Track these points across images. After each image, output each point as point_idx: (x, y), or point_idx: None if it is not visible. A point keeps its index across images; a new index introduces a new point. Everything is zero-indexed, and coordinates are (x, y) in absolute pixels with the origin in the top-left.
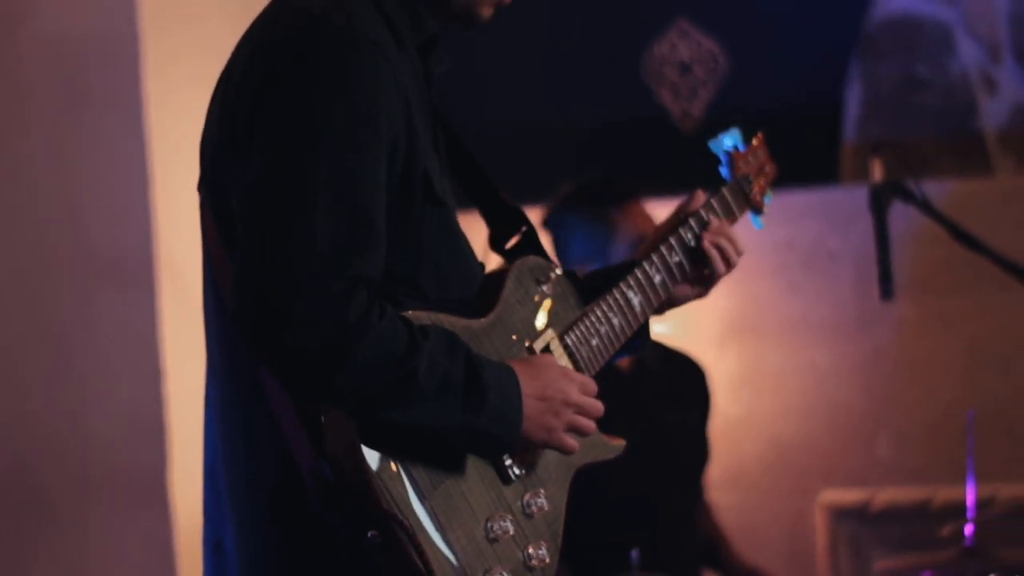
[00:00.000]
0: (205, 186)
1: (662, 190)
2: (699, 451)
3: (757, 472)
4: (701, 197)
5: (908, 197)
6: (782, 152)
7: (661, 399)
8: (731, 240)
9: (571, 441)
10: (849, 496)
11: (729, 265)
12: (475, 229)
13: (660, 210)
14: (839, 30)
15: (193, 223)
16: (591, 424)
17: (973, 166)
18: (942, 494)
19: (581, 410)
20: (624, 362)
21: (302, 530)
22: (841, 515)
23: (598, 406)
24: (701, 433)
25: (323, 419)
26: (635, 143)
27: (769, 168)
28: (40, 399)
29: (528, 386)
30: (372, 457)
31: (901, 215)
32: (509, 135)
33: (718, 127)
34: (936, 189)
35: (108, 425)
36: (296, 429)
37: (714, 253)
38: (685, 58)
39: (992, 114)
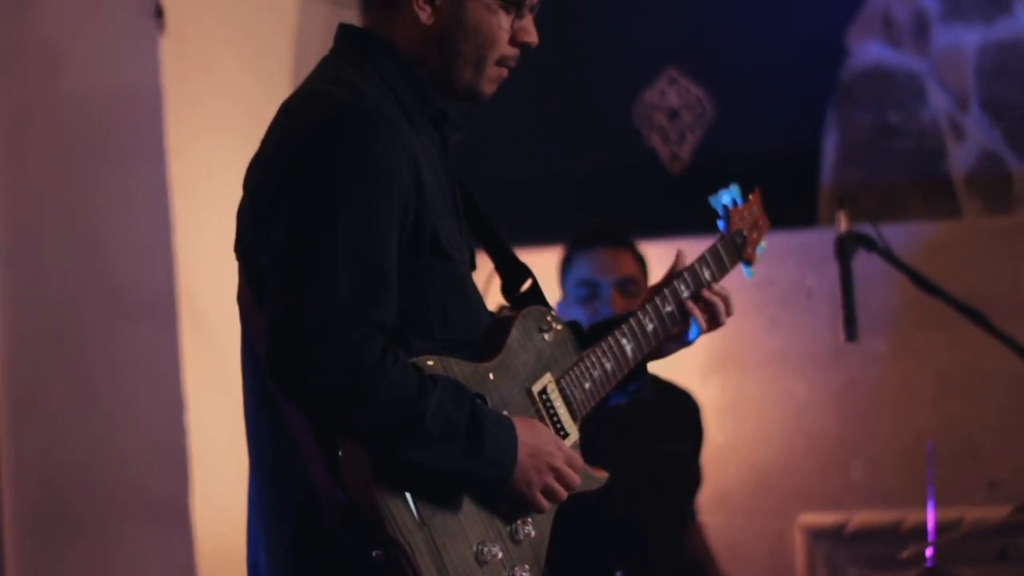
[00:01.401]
0: (239, 249)
1: (652, 230)
2: (690, 478)
3: (740, 495)
4: (683, 259)
5: (871, 246)
6: (763, 196)
7: (655, 429)
8: (724, 300)
9: (544, 501)
10: (826, 518)
11: (716, 323)
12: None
13: (649, 249)
14: (816, 80)
15: (211, 264)
16: (563, 492)
17: (942, 208)
18: (912, 517)
19: (560, 477)
20: None
21: (321, 547)
22: (818, 536)
23: (576, 480)
24: (693, 461)
25: (340, 453)
26: (626, 186)
27: (763, 223)
28: (70, 428)
29: (525, 442)
30: (381, 488)
31: (874, 257)
32: (509, 182)
33: (705, 170)
34: (907, 230)
35: (133, 452)
36: (317, 460)
37: (697, 313)
38: (674, 104)
39: (960, 159)
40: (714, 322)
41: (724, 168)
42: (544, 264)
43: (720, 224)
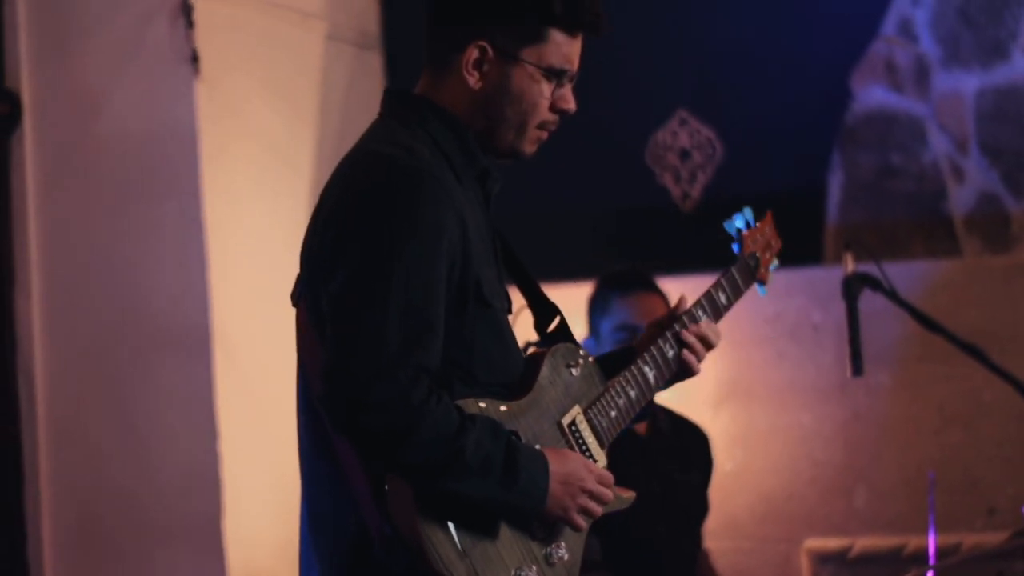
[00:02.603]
0: (304, 292)
1: (664, 266)
2: (699, 507)
3: (749, 521)
4: (686, 301)
5: (875, 286)
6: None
7: (671, 459)
8: (704, 339)
9: (581, 521)
10: (830, 543)
11: (699, 357)
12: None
13: (663, 285)
14: (822, 122)
15: (243, 299)
16: (598, 509)
17: (943, 246)
18: (913, 542)
19: (594, 497)
20: (641, 427)
21: (372, 574)
22: (823, 560)
23: (608, 495)
24: (702, 492)
25: (387, 487)
26: (640, 224)
27: (775, 243)
28: (109, 455)
29: (556, 471)
30: (424, 522)
31: (879, 294)
32: (527, 221)
33: (716, 209)
34: (908, 268)
35: (169, 478)
36: (366, 497)
37: (687, 356)
38: (685, 145)
39: (960, 200)
40: (698, 358)
41: (734, 207)
42: (561, 300)
43: (735, 247)
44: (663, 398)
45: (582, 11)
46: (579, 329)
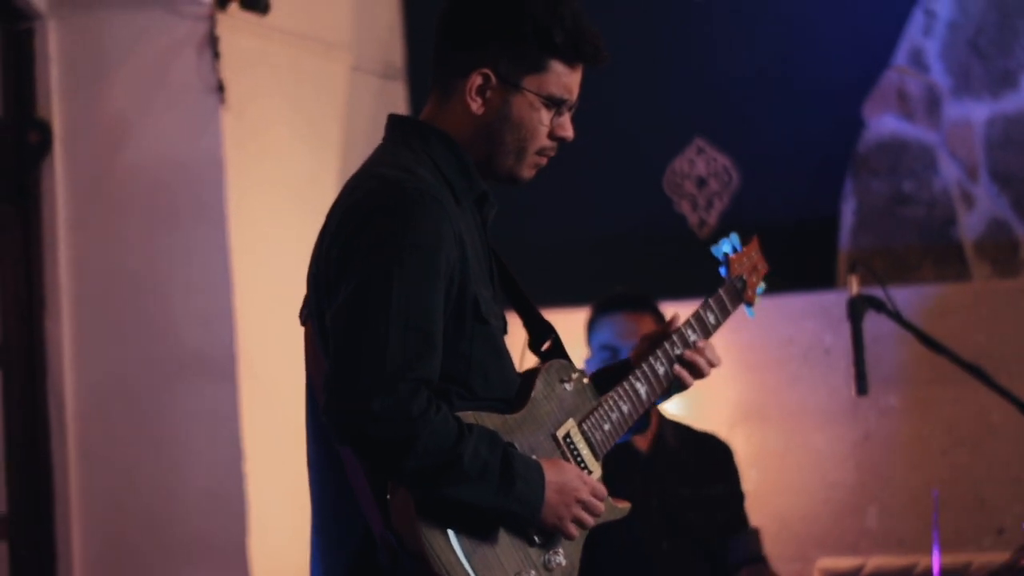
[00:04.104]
0: (311, 311)
1: (680, 291)
2: (723, 519)
3: (764, 541)
4: (678, 319)
5: (880, 308)
6: (785, 259)
7: (677, 475)
8: (707, 358)
9: (574, 530)
10: (843, 562)
11: (699, 375)
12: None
13: (680, 310)
14: (835, 150)
15: (268, 324)
16: (591, 520)
17: (953, 271)
18: (924, 561)
19: (587, 508)
20: (644, 444)
21: None
22: None
23: (600, 507)
24: (729, 503)
25: (389, 498)
26: (657, 250)
27: (761, 266)
28: (136, 476)
29: (552, 480)
30: (426, 530)
31: (887, 318)
32: (550, 247)
33: (724, 234)
34: (919, 292)
35: (195, 499)
36: (370, 505)
37: (684, 374)
38: (702, 173)
39: (970, 226)
40: (698, 375)
41: (749, 233)
42: (576, 324)
43: (722, 270)
44: (678, 414)
45: (582, 43)
46: (584, 352)
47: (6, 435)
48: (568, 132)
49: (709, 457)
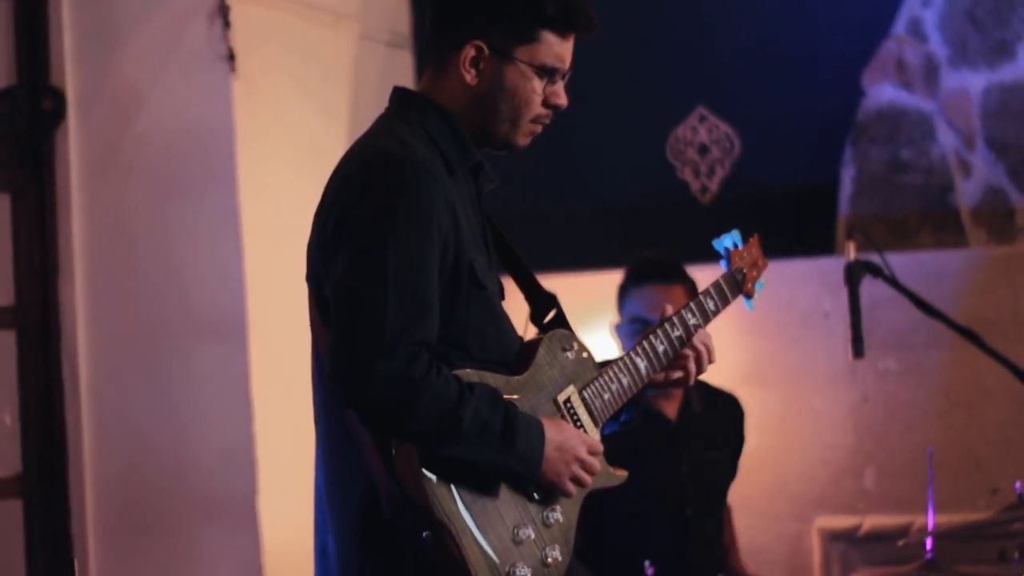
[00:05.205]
0: (309, 278)
1: (683, 257)
2: (726, 478)
3: (763, 501)
4: (670, 309)
5: (877, 273)
6: (785, 224)
7: (701, 441)
8: (709, 349)
9: (571, 488)
10: (841, 522)
11: (700, 369)
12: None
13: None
14: (835, 119)
15: (277, 289)
16: (588, 478)
17: (950, 237)
18: (920, 520)
19: (585, 466)
20: (672, 411)
21: (380, 531)
22: (834, 538)
23: (597, 467)
24: (734, 464)
25: (393, 451)
26: (660, 216)
27: (762, 262)
28: (149, 435)
29: (552, 439)
30: (429, 480)
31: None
32: (552, 213)
33: (733, 202)
34: (917, 259)
35: (206, 458)
36: (374, 457)
37: (690, 360)
38: (704, 140)
39: (967, 193)
40: (699, 369)
41: (750, 199)
42: (583, 287)
43: (723, 263)
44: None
45: (573, 13)
46: (602, 317)
47: (21, 396)
48: (562, 100)
49: (727, 418)
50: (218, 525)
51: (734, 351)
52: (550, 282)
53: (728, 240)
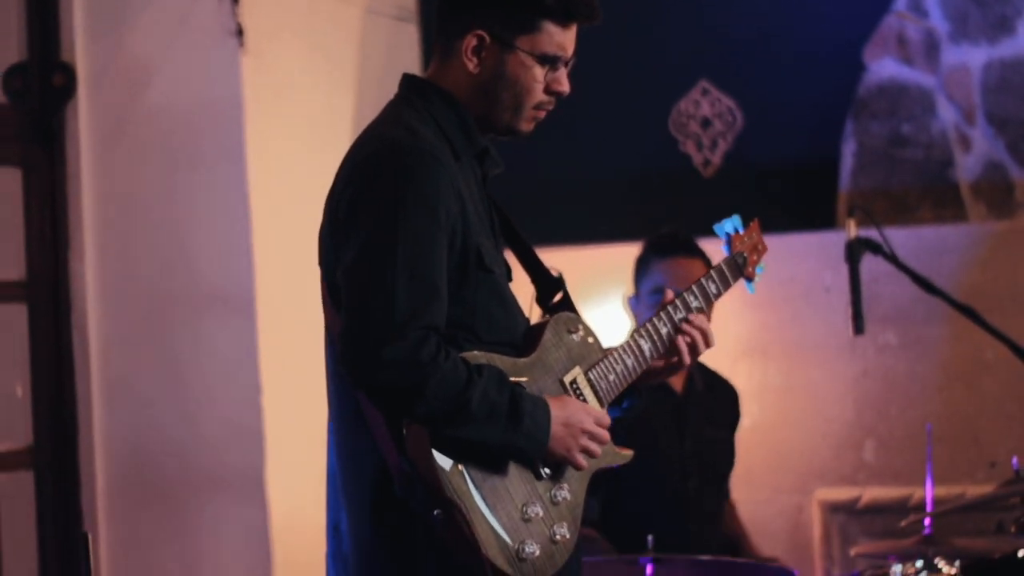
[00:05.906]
0: (321, 263)
1: (686, 228)
2: (727, 462)
3: (764, 473)
4: (670, 294)
5: (876, 249)
6: (787, 199)
7: (703, 416)
8: (704, 333)
9: (582, 460)
10: (841, 494)
11: (695, 352)
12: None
13: None
14: (836, 93)
15: (286, 262)
16: (598, 449)
17: (949, 212)
18: (918, 493)
19: (593, 437)
20: (678, 384)
21: (393, 510)
22: (834, 509)
23: (606, 436)
24: (731, 446)
25: (404, 431)
26: (663, 188)
27: (762, 247)
28: (160, 409)
29: (557, 415)
30: (439, 459)
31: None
32: (555, 186)
33: (735, 175)
34: (917, 233)
35: (214, 430)
36: (386, 437)
37: (682, 344)
38: (706, 113)
39: (967, 168)
40: (694, 352)
41: (752, 173)
42: (586, 260)
43: (724, 248)
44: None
45: (573, 3)
46: (604, 290)
47: (32, 368)
48: (564, 87)
49: (726, 399)
50: (227, 496)
51: (736, 324)
52: (552, 256)
53: (729, 225)
